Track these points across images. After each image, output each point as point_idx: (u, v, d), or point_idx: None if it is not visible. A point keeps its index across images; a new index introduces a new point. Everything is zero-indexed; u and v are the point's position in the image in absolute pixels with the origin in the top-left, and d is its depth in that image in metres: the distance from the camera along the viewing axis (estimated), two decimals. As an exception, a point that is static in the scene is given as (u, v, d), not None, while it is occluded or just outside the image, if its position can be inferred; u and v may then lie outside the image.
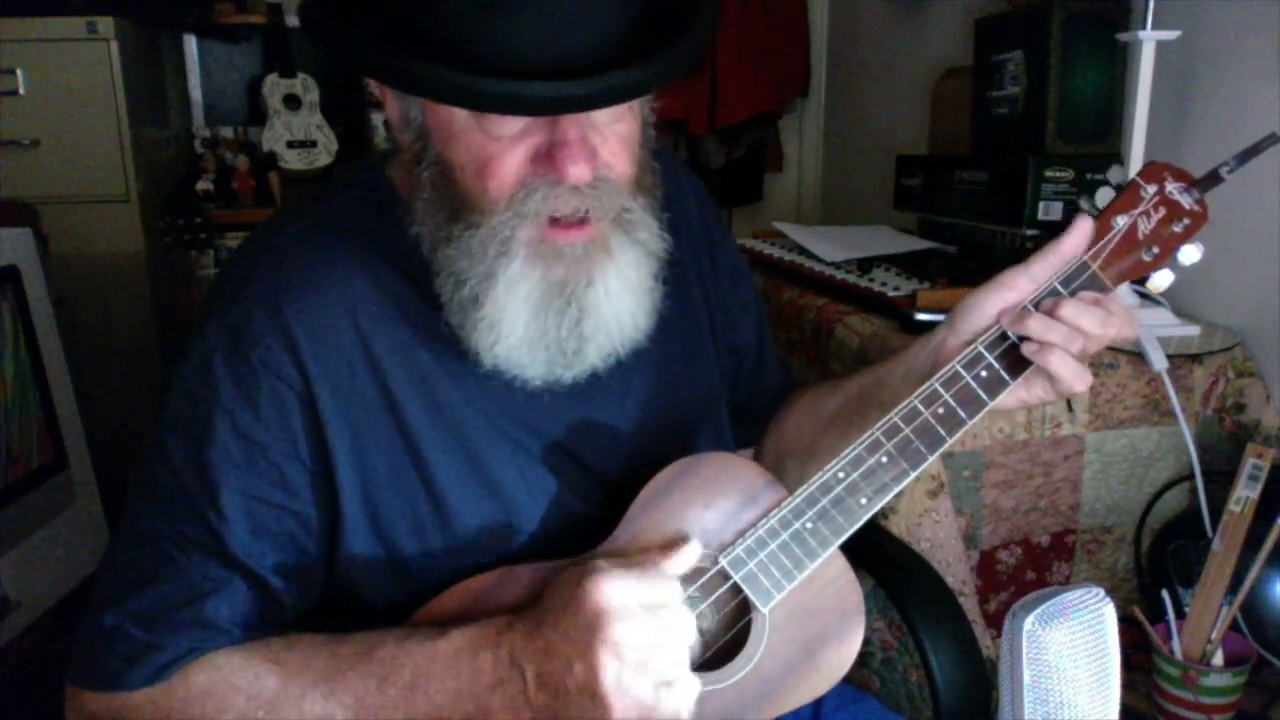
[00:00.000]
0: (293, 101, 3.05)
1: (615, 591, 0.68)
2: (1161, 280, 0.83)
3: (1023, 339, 0.80)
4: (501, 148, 0.73)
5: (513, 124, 0.73)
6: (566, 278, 0.76)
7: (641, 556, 0.75)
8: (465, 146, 0.74)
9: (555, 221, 0.74)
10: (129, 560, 0.77)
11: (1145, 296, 1.49)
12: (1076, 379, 0.80)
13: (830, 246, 1.96)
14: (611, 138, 0.76)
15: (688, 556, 0.75)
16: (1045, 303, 0.80)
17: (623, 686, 0.68)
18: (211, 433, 0.76)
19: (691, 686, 0.71)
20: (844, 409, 0.94)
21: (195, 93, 3.20)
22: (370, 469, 0.79)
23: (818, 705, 0.94)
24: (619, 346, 0.80)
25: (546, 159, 0.73)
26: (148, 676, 0.74)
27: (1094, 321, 0.79)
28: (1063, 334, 0.78)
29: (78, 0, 2.52)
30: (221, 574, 0.76)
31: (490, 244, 0.74)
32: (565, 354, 0.78)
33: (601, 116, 0.74)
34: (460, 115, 0.73)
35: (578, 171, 0.72)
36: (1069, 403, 1.40)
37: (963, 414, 0.80)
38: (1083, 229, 0.82)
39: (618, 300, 0.78)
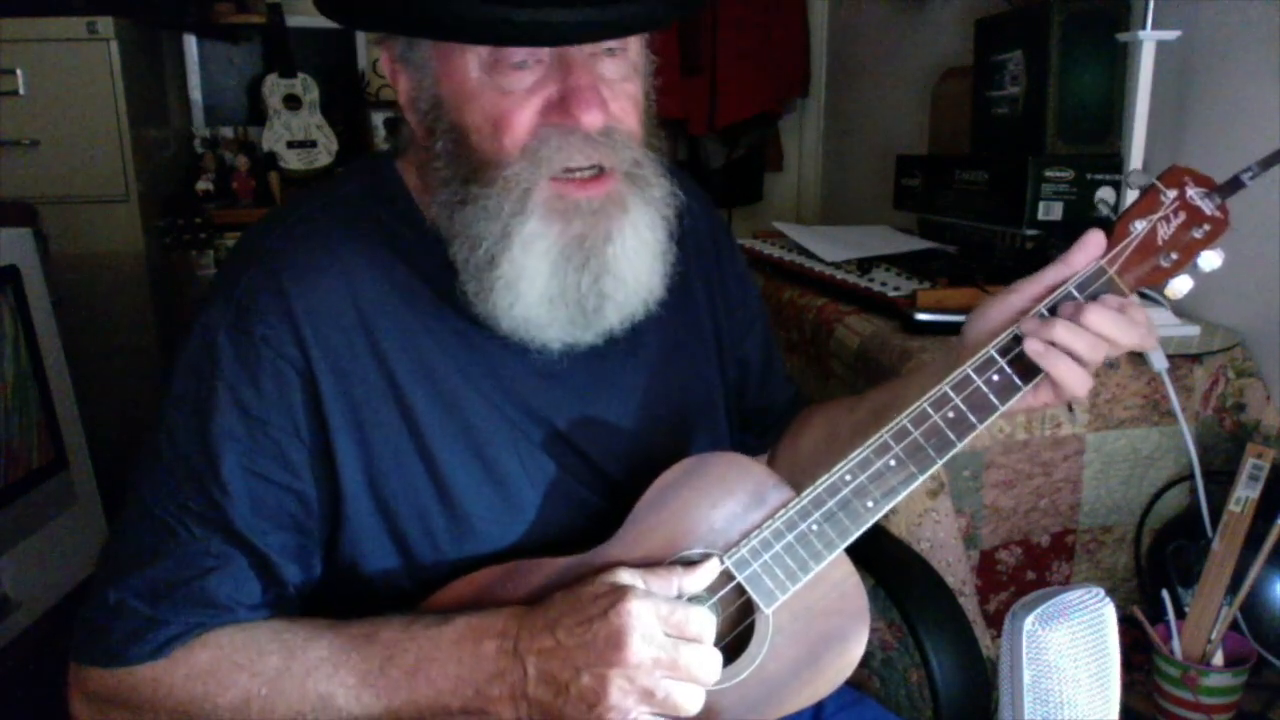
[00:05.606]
0: (293, 101, 3.05)
1: (643, 614, 0.69)
2: (1180, 286, 0.81)
3: (1029, 340, 0.77)
4: (514, 102, 0.74)
5: (526, 77, 0.74)
6: (585, 233, 0.76)
7: (664, 570, 0.76)
8: (479, 107, 0.75)
9: (570, 175, 0.75)
10: (133, 536, 0.77)
11: (1144, 296, 1.49)
12: (1080, 384, 0.78)
13: (830, 246, 1.96)
14: (620, 94, 0.77)
15: (707, 573, 0.76)
16: (1066, 307, 0.78)
17: (623, 708, 0.68)
18: (214, 406, 0.76)
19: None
20: (862, 426, 0.93)
21: (195, 93, 3.20)
22: (372, 450, 0.79)
23: (819, 708, 0.94)
24: (636, 307, 0.81)
25: (559, 109, 0.74)
26: (150, 652, 0.74)
27: (1118, 329, 0.76)
28: (1088, 342, 0.76)
29: (78, 0, 2.52)
30: (224, 550, 0.76)
31: (506, 200, 0.75)
32: (585, 312, 0.78)
33: (610, 71, 0.76)
34: (473, 75, 0.75)
35: (591, 118, 0.73)
36: (1069, 404, 1.40)
37: (973, 418, 0.80)
38: (1094, 241, 0.79)
39: (635, 257, 0.78)
